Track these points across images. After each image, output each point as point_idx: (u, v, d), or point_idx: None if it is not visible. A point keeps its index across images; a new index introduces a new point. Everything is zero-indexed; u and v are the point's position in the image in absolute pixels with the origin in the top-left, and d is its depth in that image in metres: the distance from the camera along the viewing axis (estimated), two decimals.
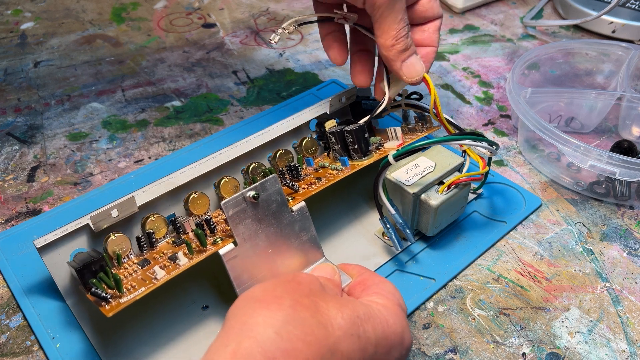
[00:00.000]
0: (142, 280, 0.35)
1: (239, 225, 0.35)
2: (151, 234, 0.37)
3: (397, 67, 0.40)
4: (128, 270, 0.36)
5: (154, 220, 0.38)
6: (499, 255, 0.44)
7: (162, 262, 0.36)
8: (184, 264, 0.35)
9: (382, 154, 0.43)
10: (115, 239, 0.36)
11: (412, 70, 0.40)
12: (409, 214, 0.42)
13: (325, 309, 0.29)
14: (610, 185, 0.48)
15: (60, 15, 0.74)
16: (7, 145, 0.54)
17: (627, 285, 0.42)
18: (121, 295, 0.33)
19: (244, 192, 0.35)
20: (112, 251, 0.36)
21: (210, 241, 0.37)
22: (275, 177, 0.36)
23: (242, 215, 0.35)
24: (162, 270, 0.35)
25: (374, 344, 0.30)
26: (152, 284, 0.34)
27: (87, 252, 0.36)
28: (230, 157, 0.42)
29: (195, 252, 0.36)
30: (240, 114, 0.58)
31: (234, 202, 0.35)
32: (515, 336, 0.38)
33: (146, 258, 0.37)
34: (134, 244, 0.38)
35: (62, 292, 0.37)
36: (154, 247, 0.38)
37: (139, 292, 0.33)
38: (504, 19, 0.75)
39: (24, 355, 0.37)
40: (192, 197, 0.40)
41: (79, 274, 0.34)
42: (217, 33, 0.71)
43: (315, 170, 0.44)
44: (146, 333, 0.38)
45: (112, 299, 0.33)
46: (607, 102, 0.53)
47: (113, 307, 0.32)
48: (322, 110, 0.47)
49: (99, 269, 0.34)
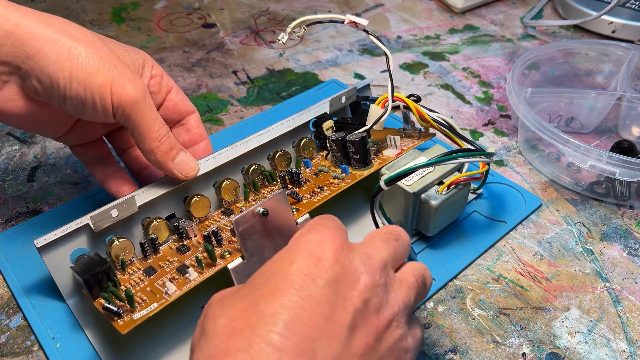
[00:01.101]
0: (151, 293, 0.34)
1: (247, 240, 0.35)
2: (154, 239, 0.37)
3: (170, 167, 0.38)
4: (133, 277, 0.36)
5: (157, 225, 0.38)
6: (499, 255, 0.44)
7: (170, 273, 0.36)
8: (194, 279, 0.35)
9: (382, 162, 0.43)
10: (118, 244, 0.36)
11: (185, 167, 0.38)
12: (409, 214, 0.42)
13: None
14: (610, 185, 0.48)
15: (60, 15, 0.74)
16: (7, 145, 0.54)
17: (627, 285, 0.42)
18: (133, 310, 0.33)
19: (254, 209, 0.35)
20: (115, 255, 0.36)
21: (218, 253, 0.36)
22: (283, 193, 0.36)
23: (251, 231, 0.35)
24: (173, 285, 0.34)
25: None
26: (165, 300, 0.33)
27: (89, 256, 0.36)
28: (230, 157, 0.42)
29: (204, 266, 0.35)
30: (240, 114, 0.58)
31: (243, 219, 0.34)
32: (515, 336, 0.38)
33: (151, 265, 0.37)
34: (137, 248, 0.38)
35: (62, 292, 0.37)
36: (157, 252, 0.38)
37: (151, 308, 0.33)
38: (504, 19, 0.75)
39: (24, 355, 0.37)
40: (194, 200, 0.40)
41: (86, 283, 0.34)
42: (217, 33, 0.71)
43: (315, 175, 0.44)
44: (147, 333, 0.38)
45: (124, 314, 0.33)
46: (607, 102, 0.53)
47: (126, 324, 0.32)
48: (321, 110, 0.47)
49: (105, 277, 0.34)
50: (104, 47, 0.35)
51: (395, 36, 0.71)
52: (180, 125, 0.43)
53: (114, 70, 0.34)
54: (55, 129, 0.39)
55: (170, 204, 0.40)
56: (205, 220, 0.41)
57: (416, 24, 0.74)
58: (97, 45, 0.35)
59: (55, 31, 0.33)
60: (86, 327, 0.38)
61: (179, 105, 0.42)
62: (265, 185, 0.43)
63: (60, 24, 0.34)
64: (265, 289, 0.27)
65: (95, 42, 0.35)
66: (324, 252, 0.28)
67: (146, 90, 0.35)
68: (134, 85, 0.35)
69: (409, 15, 0.76)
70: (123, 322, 0.32)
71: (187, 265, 0.36)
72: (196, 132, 0.43)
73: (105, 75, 0.34)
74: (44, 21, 0.33)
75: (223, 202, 0.42)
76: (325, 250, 0.28)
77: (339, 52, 0.68)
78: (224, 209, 0.42)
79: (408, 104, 0.44)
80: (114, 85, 0.34)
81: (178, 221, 0.39)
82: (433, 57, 0.67)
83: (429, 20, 0.75)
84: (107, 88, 0.34)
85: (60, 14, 0.74)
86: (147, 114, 0.35)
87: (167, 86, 0.41)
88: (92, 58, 0.34)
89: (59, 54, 0.33)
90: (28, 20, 0.33)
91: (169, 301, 0.33)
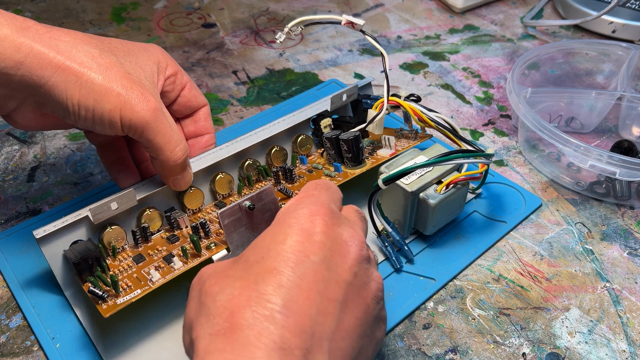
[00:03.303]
0: (137, 279, 0.35)
1: (232, 233, 0.36)
2: (146, 228, 0.38)
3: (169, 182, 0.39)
4: (123, 264, 0.37)
5: (150, 214, 0.39)
6: (499, 255, 0.44)
7: (157, 262, 0.37)
8: (178, 268, 0.36)
9: (375, 162, 0.44)
10: (111, 231, 0.37)
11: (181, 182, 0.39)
12: (407, 213, 0.42)
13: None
14: (610, 185, 0.48)
15: (60, 15, 0.74)
16: (7, 145, 0.54)
17: (627, 285, 0.42)
18: (117, 295, 0.34)
19: (240, 202, 0.36)
20: (107, 242, 0.37)
21: (204, 244, 0.37)
22: (271, 188, 0.37)
23: (237, 224, 0.36)
24: (157, 273, 0.35)
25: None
26: (148, 287, 0.35)
27: (84, 242, 0.37)
28: (230, 152, 0.42)
29: (190, 256, 0.36)
30: (240, 114, 0.58)
31: (229, 211, 0.35)
32: (515, 336, 0.38)
33: (141, 253, 0.38)
34: (129, 236, 0.39)
35: (61, 284, 0.38)
36: (148, 241, 0.39)
37: (134, 295, 0.34)
38: (504, 19, 0.75)
39: (24, 355, 0.37)
40: (188, 192, 0.41)
41: (75, 267, 0.35)
42: (217, 33, 0.71)
43: (309, 172, 0.44)
44: (145, 330, 0.38)
45: (108, 298, 0.34)
46: (607, 102, 0.53)
47: (110, 308, 0.33)
48: (322, 108, 0.47)
49: (95, 262, 0.35)
50: (114, 67, 0.35)
51: (395, 36, 0.71)
52: (188, 117, 0.43)
53: (123, 93, 0.34)
54: (68, 127, 0.40)
55: (170, 198, 0.41)
56: (198, 212, 0.42)
57: (416, 24, 0.74)
58: (106, 67, 0.35)
59: (64, 58, 0.34)
60: (87, 327, 0.38)
61: (191, 102, 0.42)
62: (260, 180, 0.44)
63: (69, 48, 0.34)
64: (261, 268, 0.27)
65: (104, 63, 0.35)
66: (314, 227, 0.29)
67: (159, 106, 0.36)
68: (144, 106, 0.35)
69: (409, 15, 0.76)
70: (107, 306, 0.34)
71: (173, 254, 0.37)
72: (202, 125, 0.43)
73: (113, 101, 0.34)
74: (53, 48, 0.33)
75: (217, 195, 0.42)
76: (316, 225, 0.29)
77: (339, 52, 0.68)
78: (217, 201, 0.42)
79: (403, 105, 0.44)
80: (123, 110, 0.34)
81: (171, 212, 0.40)
82: (433, 57, 0.67)
83: (429, 20, 0.75)
84: (116, 113, 0.34)
85: (60, 14, 0.74)
86: (160, 132, 0.36)
87: (181, 84, 0.41)
88: (99, 84, 0.34)
89: (67, 82, 0.33)
90: (38, 48, 0.33)
91: (152, 288, 0.35)
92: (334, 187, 0.33)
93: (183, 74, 0.42)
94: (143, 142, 0.36)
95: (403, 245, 0.42)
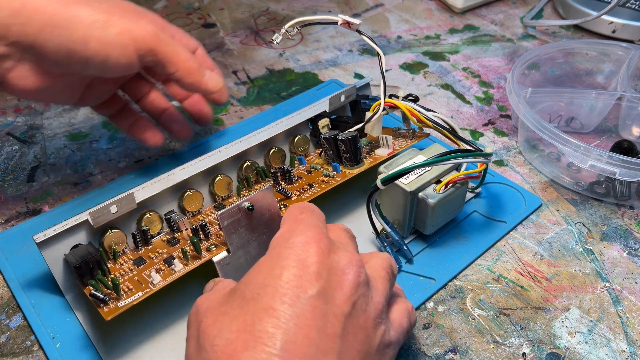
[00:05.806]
0: (138, 282, 0.36)
1: (232, 234, 0.36)
2: (146, 231, 0.38)
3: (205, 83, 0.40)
4: (123, 267, 0.37)
5: (150, 217, 0.39)
6: (499, 255, 0.44)
7: (158, 264, 0.37)
8: (179, 270, 0.36)
9: (373, 161, 0.44)
10: (111, 235, 0.37)
11: (214, 81, 0.41)
12: (407, 213, 0.42)
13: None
14: (610, 185, 0.48)
15: None
16: (7, 145, 0.54)
17: (627, 285, 0.42)
18: (119, 298, 0.34)
19: (239, 204, 0.36)
20: (108, 246, 0.37)
21: (204, 246, 0.37)
22: (270, 189, 0.37)
23: (236, 225, 0.36)
24: (158, 275, 0.36)
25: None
26: (149, 290, 0.35)
27: (84, 246, 0.37)
28: (230, 154, 0.42)
29: (190, 258, 0.37)
30: (240, 114, 0.58)
31: (229, 213, 0.35)
32: (515, 336, 0.38)
33: (141, 256, 0.38)
34: (130, 240, 0.39)
35: (62, 288, 0.38)
36: (148, 243, 0.39)
37: (136, 297, 0.34)
38: (504, 19, 0.75)
39: (24, 355, 0.37)
40: (187, 194, 0.41)
41: (76, 271, 0.35)
42: (217, 33, 0.71)
43: (307, 172, 0.44)
44: (146, 332, 0.38)
45: (110, 301, 0.34)
46: (607, 102, 0.53)
47: (111, 311, 0.33)
48: (321, 108, 0.47)
49: (95, 265, 0.35)
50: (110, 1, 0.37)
51: (395, 36, 0.71)
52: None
53: (125, 16, 0.36)
54: (69, 96, 0.40)
55: (169, 201, 0.41)
56: (198, 215, 0.42)
57: (416, 23, 0.74)
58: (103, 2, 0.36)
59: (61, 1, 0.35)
60: (87, 327, 0.38)
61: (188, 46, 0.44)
62: (258, 182, 0.44)
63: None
64: (257, 306, 0.27)
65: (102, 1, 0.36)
66: (310, 257, 0.28)
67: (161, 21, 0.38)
68: (149, 20, 0.36)
69: (409, 15, 0.76)
70: (108, 309, 0.34)
71: (173, 257, 0.37)
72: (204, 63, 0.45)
73: (119, 24, 0.35)
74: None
75: (216, 197, 0.43)
76: (311, 254, 0.28)
77: (339, 52, 0.68)
78: (217, 203, 0.43)
79: (399, 106, 0.44)
80: (130, 29, 0.36)
81: (171, 214, 0.40)
82: (433, 57, 0.67)
83: (429, 20, 0.75)
84: (125, 34, 0.35)
85: None
86: (169, 42, 0.37)
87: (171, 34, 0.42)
88: (100, 14, 0.35)
89: (68, 19, 0.34)
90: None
91: (153, 291, 0.35)
92: (317, 209, 0.33)
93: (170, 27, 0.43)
94: (158, 58, 0.37)
95: (402, 245, 0.42)
